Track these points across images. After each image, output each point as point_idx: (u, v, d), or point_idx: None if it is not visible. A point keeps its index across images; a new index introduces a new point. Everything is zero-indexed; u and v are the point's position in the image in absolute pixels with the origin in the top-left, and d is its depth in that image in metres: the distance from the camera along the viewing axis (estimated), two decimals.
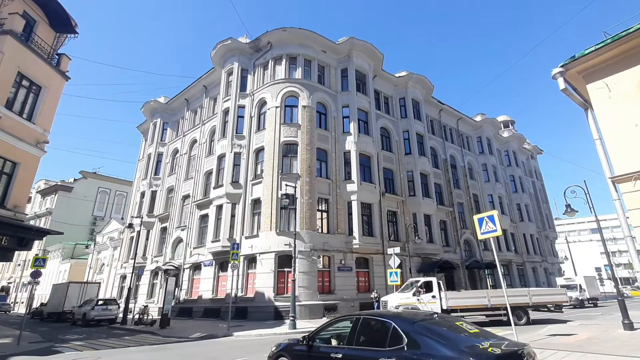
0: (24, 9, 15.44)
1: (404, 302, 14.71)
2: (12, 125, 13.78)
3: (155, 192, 30.57)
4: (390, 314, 4.90)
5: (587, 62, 7.52)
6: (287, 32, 23.44)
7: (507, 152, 41.70)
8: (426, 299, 14.51)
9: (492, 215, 10.07)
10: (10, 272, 52.93)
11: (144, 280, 27.39)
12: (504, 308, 13.90)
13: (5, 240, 13.08)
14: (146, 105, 33.43)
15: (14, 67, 14.02)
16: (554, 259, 43.53)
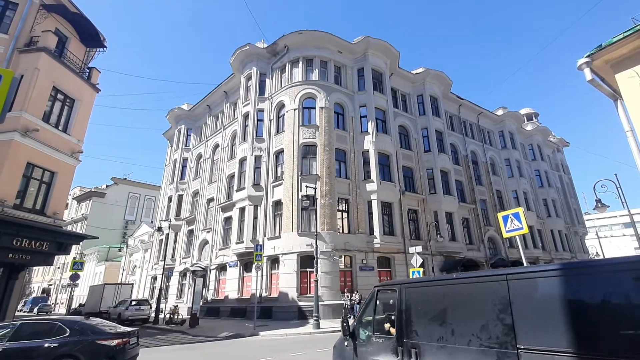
0: (56, 26, 16.41)
1: None
2: (49, 137, 14.68)
3: (181, 196, 31.65)
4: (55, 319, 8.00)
5: (615, 50, 7.23)
6: (303, 35, 23.69)
7: (531, 145, 40.25)
8: None
9: (518, 213, 9.84)
10: (51, 274, 56.07)
11: (174, 281, 28.45)
12: None
13: (46, 246, 13.96)
14: (171, 112, 34.64)
15: (49, 82, 14.91)
16: (584, 256, 41.63)
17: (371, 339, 4.59)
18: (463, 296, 3.73)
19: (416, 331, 3.99)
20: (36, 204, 14.34)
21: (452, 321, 3.67)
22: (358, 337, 4.78)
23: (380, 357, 4.26)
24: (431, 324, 3.88)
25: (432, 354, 3.72)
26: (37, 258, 14.08)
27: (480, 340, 3.34)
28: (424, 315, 4.01)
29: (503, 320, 3.20)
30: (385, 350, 4.23)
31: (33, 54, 14.44)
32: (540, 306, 3.04)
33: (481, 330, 3.36)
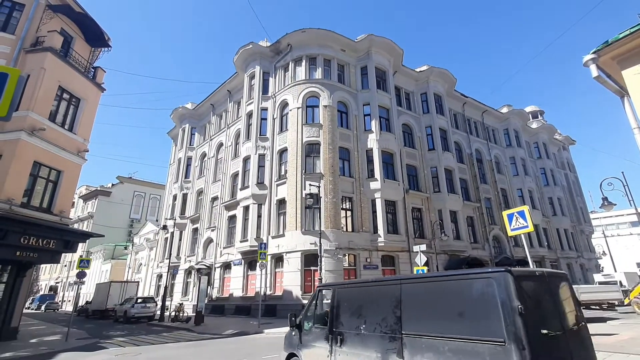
0: (62, 26, 16.56)
1: None
2: (56, 136, 14.85)
3: (186, 194, 31.84)
4: None
5: (622, 46, 7.14)
6: (306, 33, 23.67)
7: (536, 144, 39.92)
8: None
9: (523, 211, 9.80)
10: (58, 272, 56.73)
11: (179, 279, 28.66)
12: None
13: (53, 244, 14.13)
14: (175, 111, 34.81)
15: (55, 82, 15.06)
16: (590, 255, 41.26)
17: (312, 329, 5.72)
18: (373, 296, 4.88)
19: (342, 322, 5.13)
20: (43, 203, 14.53)
21: (365, 314, 4.80)
22: (303, 328, 5.91)
23: (317, 343, 5.44)
24: (352, 316, 5.01)
25: (351, 339, 4.84)
26: (44, 256, 14.27)
27: (381, 328, 4.45)
28: (347, 310, 5.14)
29: (395, 314, 4.32)
30: (320, 338, 5.39)
31: (39, 54, 14.59)
32: (417, 304, 4.18)
33: (382, 321, 4.47)
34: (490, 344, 3.31)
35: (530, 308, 3.34)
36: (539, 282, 3.81)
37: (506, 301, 3.30)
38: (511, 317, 3.22)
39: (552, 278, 4.04)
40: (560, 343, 3.52)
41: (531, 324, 3.23)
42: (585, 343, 3.96)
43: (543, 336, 3.31)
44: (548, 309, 3.70)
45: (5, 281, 13.50)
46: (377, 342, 4.43)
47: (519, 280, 3.43)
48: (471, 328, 3.53)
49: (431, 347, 3.80)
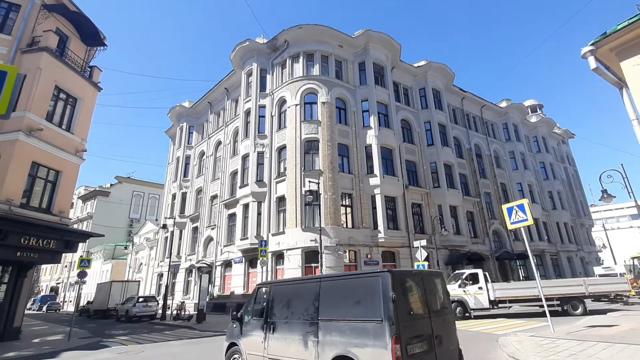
0: (57, 25, 16.47)
1: (451, 294, 14.81)
2: (53, 136, 14.81)
3: (185, 193, 31.82)
4: None
5: (620, 38, 7.12)
6: (303, 29, 23.56)
7: (535, 137, 39.93)
8: (472, 290, 14.60)
9: (522, 204, 9.85)
10: (58, 273, 56.82)
11: (180, 278, 28.71)
12: (557, 298, 13.78)
13: (53, 244, 14.15)
14: (172, 110, 34.70)
15: (52, 82, 15.00)
16: (590, 248, 41.40)
17: (250, 321, 6.67)
18: (299, 291, 6.02)
19: (275, 314, 6.14)
20: (42, 203, 14.52)
21: (293, 307, 5.88)
22: (243, 321, 6.83)
23: (254, 332, 6.41)
24: (282, 308, 6.06)
25: (281, 327, 5.89)
26: (44, 256, 14.28)
27: (304, 316, 5.57)
28: (279, 303, 6.18)
29: (314, 305, 5.47)
30: (257, 328, 6.36)
31: (35, 54, 14.53)
32: (330, 296, 5.35)
33: (305, 311, 5.60)
34: (373, 322, 4.58)
35: (401, 297, 4.68)
36: (413, 279, 5.21)
37: (385, 292, 4.60)
38: (387, 303, 4.52)
39: (426, 276, 5.48)
40: (424, 321, 4.90)
41: (401, 308, 4.55)
42: (446, 321, 5.34)
43: (409, 316, 4.68)
44: (417, 298, 5.05)
45: (7, 282, 13.52)
46: (300, 327, 5.55)
47: (396, 278, 4.76)
48: (363, 312, 4.79)
49: (337, 328, 5.03)
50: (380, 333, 4.45)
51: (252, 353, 6.34)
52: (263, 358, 6.02)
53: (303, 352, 5.35)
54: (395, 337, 4.31)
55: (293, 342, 5.56)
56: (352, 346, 4.72)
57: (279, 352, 5.78)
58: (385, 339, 4.36)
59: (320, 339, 5.17)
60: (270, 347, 5.94)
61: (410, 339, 4.51)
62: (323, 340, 5.13)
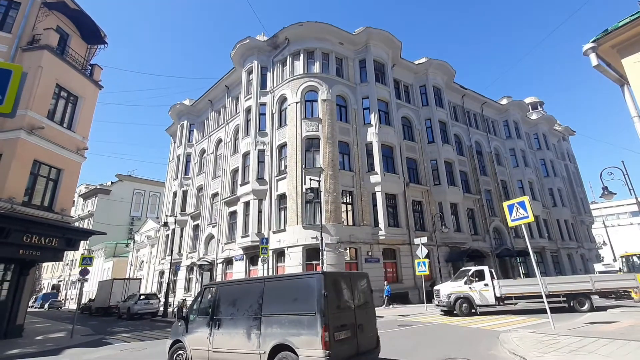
0: (57, 24, 16.43)
1: (456, 291, 15.04)
2: (55, 135, 14.81)
3: (186, 191, 31.86)
4: None
5: (622, 34, 7.09)
6: (304, 27, 23.50)
7: (536, 135, 39.89)
8: (478, 287, 14.73)
9: (523, 202, 9.87)
10: (60, 271, 56.99)
11: (181, 275, 28.80)
12: (563, 295, 13.83)
13: (55, 242, 14.19)
14: (173, 108, 34.68)
15: (53, 80, 14.98)
16: (591, 245, 41.46)
17: (196, 319, 7.16)
18: (245, 290, 6.74)
19: (221, 311, 6.76)
20: (44, 201, 14.55)
21: (238, 304, 6.57)
22: (189, 320, 7.28)
23: (200, 329, 6.92)
24: (228, 306, 6.71)
25: (226, 323, 6.53)
26: (47, 254, 14.33)
27: (249, 312, 6.30)
28: (225, 301, 6.81)
29: (258, 302, 6.24)
30: (203, 325, 6.90)
31: (36, 52, 14.50)
32: (273, 294, 6.17)
33: (249, 307, 6.34)
34: (308, 315, 5.47)
35: (332, 293, 5.66)
36: (343, 279, 6.27)
37: (319, 290, 5.52)
38: (320, 298, 5.43)
39: (353, 276, 6.65)
40: (349, 313, 5.95)
41: (331, 302, 5.51)
42: (368, 313, 6.41)
43: (338, 309, 5.71)
44: (345, 294, 6.09)
45: (10, 280, 13.58)
46: (244, 322, 6.26)
47: (328, 278, 5.77)
48: (300, 307, 5.66)
49: (277, 321, 5.83)
50: (313, 323, 5.34)
51: (197, 348, 6.87)
52: (207, 352, 6.64)
53: (246, 344, 6.06)
54: (325, 326, 5.23)
55: (237, 336, 6.24)
56: (290, 335, 5.55)
57: (223, 346, 6.43)
58: (317, 328, 5.25)
59: (263, 332, 5.91)
60: (215, 342, 6.56)
61: (337, 327, 5.49)
62: (265, 333, 5.88)
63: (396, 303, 20.17)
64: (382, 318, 14.91)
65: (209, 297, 7.28)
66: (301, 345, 5.35)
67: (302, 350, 5.32)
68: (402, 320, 14.12)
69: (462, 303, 14.63)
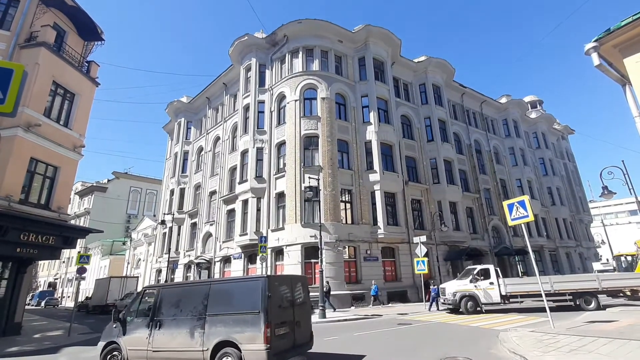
0: (54, 20, 16.25)
1: (462, 289, 15.17)
2: (51, 132, 14.67)
3: (183, 189, 31.74)
4: None
5: (624, 34, 7.06)
6: (303, 24, 23.37)
7: (535, 133, 39.97)
8: (484, 285, 14.87)
9: (523, 201, 9.86)
10: (56, 269, 56.77)
11: (178, 274, 28.71)
12: (569, 293, 13.93)
13: (52, 240, 14.09)
14: (170, 105, 34.48)
15: (49, 77, 14.82)
16: (589, 244, 41.65)
17: (134, 321, 7.30)
18: (190, 292, 7.12)
19: (162, 312, 7.00)
20: (41, 199, 14.42)
21: (182, 306, 6.88)
22: (126, 321, 7.36)
23: (139, 330, 7.08)
24: (171, 307, 6.98)
25: (168, 323, 6.81)
26: (44, 252, 14.22)
27: (192, 313, 6.65)
28: (168, 303, 7.06)
29: (204, 303, 6.63)
30: (142, 326, 7.07)
31: (33, 49, 14.33)
32: (219, 296, 6.64)
33: (193, 309, 6.69)
34: (253, 314, 6.08)
35: (275, 294, 6.34)
36: (284, 281, 7.03)
37: (263, 291, 6.16)
38: (264, 299, 6.08)
39: (294, 279, 7.54)
40: (288, 311, 6.68)
41: (273, 302, 6.20)
42: (305, 311, 7.23)
43: (278, 308, 6.37)
44: (286, 294, 6.79)
45: (7, 278, 13.48)
46: (188, 323, 6.60)
47: (272, 281, 6.43)
48: (245, 307, 6.22)
49: (222, 321, 6.34)
50: (257, 321, 5.97)
51: (135, 349, 7.03)
52: (146, 352, 6.84)
53: (189, 342, 6.45)
54: (267, 324, 5.90)
55: (180, 335, 6.59)
56: (234, 333, 6.11)
57: (165, 345, 6.71)
58: (260, 325, 5.90)
59: (207, 331, 6.36)
60: (156, 342, 6.80)
61: (278, 324, 6.20)
62: (209, 331, 6.33)
63: (394, 302, 20.21)
64: (382, 317, 14.93)
65: (150, 299, 7.49)
66: (244, 341, 5.95)
67: (245, 345, 5.93)
68: (402, 318, 14.13)
69: (467, 301, 14.80)
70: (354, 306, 18.40)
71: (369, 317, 14.79)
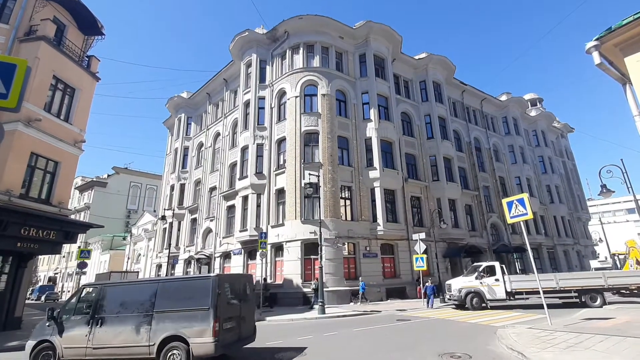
0: (54, 14, 16.15)
1: (467, 285, 15.46)
2: (52, 127, 14.64)
3: (183, 185, 31.73)
4: None
5: (625, 33, 7.07)
6: (303, 20, 23.26)
7: (535, 131, 39.98)
8: (489, 282, 15.11)
9: (522, 199, 9.92)
10: (56, 263, 56.85)
11: (178, 269, 28.81)
12: (575, 290, 14.12)
13: (53, 235, 14.12)
14: (170, 101, 34.39)
15: (49, 71, 14.76)
16: (587, 241, 41.83)
17: (71, 319, 7.28)
18: (136, 290, 7.38)
19: (104, 310, 7.11)
20: (41, 194, 14.44)
21: (127, 303, 7.06)
22: (62, 319, 7.30)
23: (77, 328, 7.08)
24: (114, 304, 7.12)
25: (111, 320, 6.94)
26: (45, 247, 14.27)
27: (139, 310, 6.89)
28: (112, 300, 7.20)
29: (151, 300, 6.90)
30: (81, 323, 7.10)
31: (33, 43, 14.27)
32: (168, 293, 6.95)
33: (140, 306, 6.93)
34: (202, 310, 6.53)
35: (223, 291, 6.94)
36: (232, 279, 7.86)
37: (213, 289, 6.66)
38: (214, 296, 6.58)
39: (241, 277, 8.65)
40: (235, 307, 7.31)
41: (222, 299, 6.77)
42: (249, 307, 7.88)
43: (227, 304, 7.01)
44: (234, 291, 7.45)
45: (7, 272, 13.53)
46: (133, 319, 6.80)
47: (221, 279, 7.05)
48: (195, 303, 6.63)
49: (170, 317, 6.65)
50: (206, 317, 6.43)
51: (72, 346, 7.02)
52: (86, 349, 6.90)
53: (134, 338, 6.65)
54: (216, 319, 6.41)
55: (125, 332, 6.74)
56: (182, 328, 6.48)
57: (107, 342, 6.81)
58: (210, 320, 6.38)
59: (154, 327, 6.63)
60: (97, 339, 6.87)
61: (225, 319, 6.73)
62: (156, 327, 6.60)
63: (393, 298, 20.34)
64: (380, 313, 15.05)
65: (90, 296, 7.55)
66: (193, 335, 6.37)
67: (194, 339, 6.35)
68: (400, 315, 14.24)
69: (473, 297, 15.08)
70: (353, 302, 18.52)
71: (367, 313, 14.91)
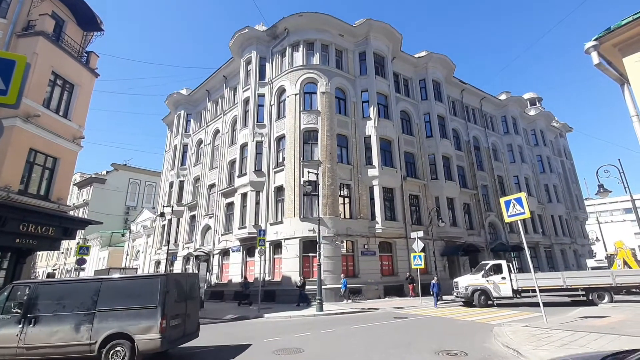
0: (53, 9, 16.04)
1: (474, 283, 15.74)
2: (51, 123, 14.59)
3: (182, 182, 31.73)
4: None
5: (624, 33, 7.08)
6: (304, 17, 23.21)
7: (533, 131, 40.06)
8: (496, 280, 15.35)
9: (520, 198, 9.96)
10: (55, 259, 56.83)
11: (177, 266, 28.85)
12: (582, 289, 14.30)
13: (52, 231, 14.11)
14: (169, 97, 34.30)
15: (48, 67, 14.69)
16: (584, 241, 42.05)
17: None
18: (76, 289, 7.27)
19: (39, 309, 6.93)
20: (40, 190, 14.41)
21: (65, 302, 6.97)
22: None
23: (5, 328, 6.84)
24: (50, 303, 6.97)
25: (47, 319, 6.79)
26: (43, 243, 14.25)
27: (79, 309, 6.86)
28: (47, 299, 7.02)
29: (93, 299, 6.92)
30: (11, 323, 6.86)
31: (31, 39, 14.19)
32: (112, 291, 7.05)
33: (80, 304, 6.90)
34: (149, 308, 6.74)
35: (172, 290, 7.16)
36: (180, 278, 7.98)
37: (162, 288, 6.90)
38: (162, 294, 6.83)
39: (188, 276, 8.63)
40: (181, 305, 7.55)
41: (169, 297, 6.98)
42: (194, 305, 8.19)
43: (174, 302, 7.19)
44: (182, 290, 7.72)
45: (6, 268, 13.53)
46: (73, 318, 6.75)
47: (170, 278, 7.29)
48: (142, 302, 6.81)
49: (114, 315, 6.74)
50: (153, 314, 6.65)
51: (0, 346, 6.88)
52: (16, 349, 6.72)
53: (73, 337, 6.64)
54: (164, 316, 6.67)
55: (62, 331, 6.69)
56: (127, 325, 6.60)
57: (41, 341, 6.69)
58: (157, 317, 6.61)
59: (95, 325, 6.68)
60: (29, 338, 6.71)
61: (172, 317, 7.01)
62: (98, 326, 6.66)
63: (391, 295, 20.44)
64: (378, 310, 15.14)
65: (21, 295, 7.30)
66: (139, 332, 6.54)
67: (140, 335, 6.52)
68: (398, 312, 14.33)
69: (480, 295, 15.35)
70: (351, 300, 18.60)
71: (365, 311, 15.00)
